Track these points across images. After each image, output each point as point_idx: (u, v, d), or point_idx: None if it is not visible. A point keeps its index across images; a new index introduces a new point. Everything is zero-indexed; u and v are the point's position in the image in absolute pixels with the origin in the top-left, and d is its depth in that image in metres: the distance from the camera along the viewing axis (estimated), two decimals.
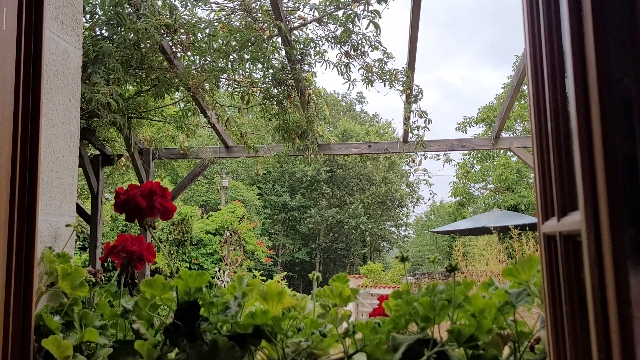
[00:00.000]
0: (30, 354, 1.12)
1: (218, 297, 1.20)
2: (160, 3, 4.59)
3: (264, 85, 5.26)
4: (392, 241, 29.36)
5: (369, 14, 4.44)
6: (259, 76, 5.27)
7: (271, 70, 5.06)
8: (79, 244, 10.17)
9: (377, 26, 4.48)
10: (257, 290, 1.18)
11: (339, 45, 4.74)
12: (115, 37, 4.40)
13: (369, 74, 4.86)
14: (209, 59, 4.90)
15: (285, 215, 25.15)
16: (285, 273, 15.18)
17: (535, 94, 0.85)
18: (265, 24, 4.60)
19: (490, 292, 1.13)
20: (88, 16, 4.51)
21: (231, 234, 11.23)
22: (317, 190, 25.44)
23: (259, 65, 4.97)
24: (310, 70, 5.02)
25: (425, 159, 6.11)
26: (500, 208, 16.77)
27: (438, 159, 6.30)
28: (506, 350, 1.08)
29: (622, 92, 0.53)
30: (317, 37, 4.79)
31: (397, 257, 1.24)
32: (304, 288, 23.03)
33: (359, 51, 4.75)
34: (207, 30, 4.75)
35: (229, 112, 6.26)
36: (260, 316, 1.11)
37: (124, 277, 1.37)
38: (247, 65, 4.95)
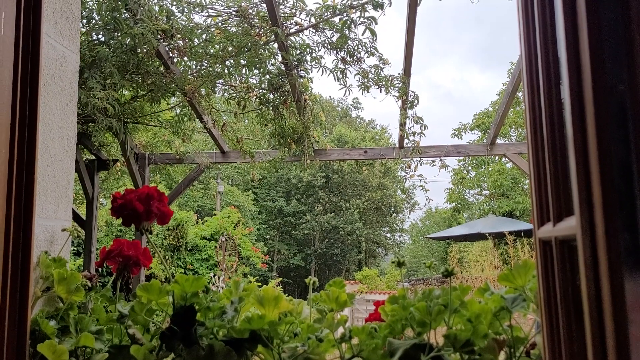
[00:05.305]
0: (26, 358, 1.12)
1: (214, 302, 1.20)
2: (157, 8, 4.59)
3: (260, 90, 5.27)
4: (387, 247, 29.37)
5: (365, 20, 4.46)
6: (255, 82, 5.28)
7: (267, 76, 5.07)
8: (73, 249, 10.11)
9: (373, 32, 4.50)
10: (254, 295, 1.18)
11: (335, 51, 4.75)
12: (111, 42, 4.39)
13: (365, 80, 4.86)
14: (205, 64, 4.91)
15: (280, 221, 25.12)
16: (281, 279, 15.13)
17: (531, 100, 0.86)
18: (262, 30, 4.61)
19: (486, 297, 1.13)
20: (85, 21, 4.51)
21: (226, 240, 11.20)
22: (312, 195, 25.43)
23: (255, 71, 4.98)
24: (306, 76, 5.03)
25: (420, 165, 6.15)
26: (496, 214, 16.81)
27: (434, 165, 6.32)
28: (502, 356, 1.08)
29: (617, 98, 0.53)
30: (313, 43, 4.81)
31: (393, 262, 1.24)
32: (299, 294, 22.98)
33: (355, 57, 4.76)
34: (203, 36, 4.76)
35: (225, 118, 6.26)
36: (256, 321, 1.11)
37: (120, 282, 1.36)
38: (243, 71, 4.96)
